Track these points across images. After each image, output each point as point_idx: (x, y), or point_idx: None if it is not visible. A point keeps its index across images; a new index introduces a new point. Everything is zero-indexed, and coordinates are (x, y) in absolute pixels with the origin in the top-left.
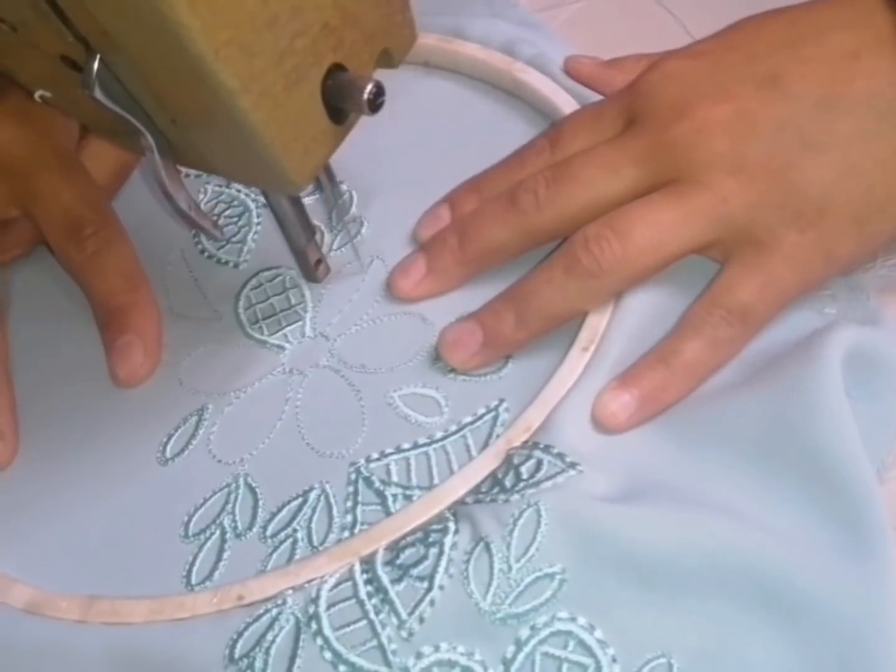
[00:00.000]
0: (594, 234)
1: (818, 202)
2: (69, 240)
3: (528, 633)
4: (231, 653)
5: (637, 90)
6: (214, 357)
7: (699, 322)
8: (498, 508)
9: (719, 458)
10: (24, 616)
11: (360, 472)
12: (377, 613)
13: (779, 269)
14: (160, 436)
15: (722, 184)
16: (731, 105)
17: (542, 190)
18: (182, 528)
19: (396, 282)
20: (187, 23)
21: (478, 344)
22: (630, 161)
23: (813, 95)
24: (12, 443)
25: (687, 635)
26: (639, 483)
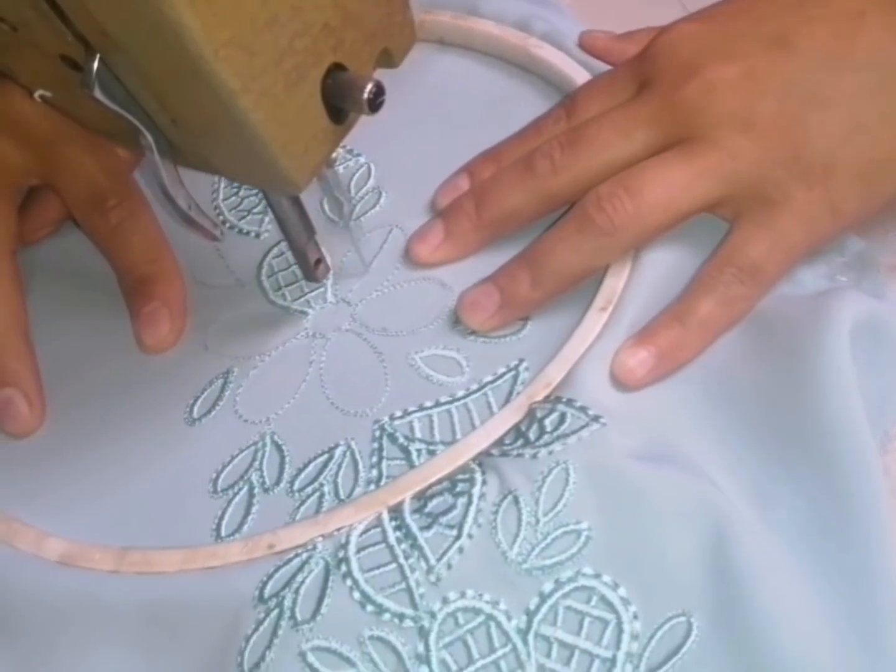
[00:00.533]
0: (606, 192)
1: (825, 158)
2: (94, 211)
3: (552, 586)
4: (261, 593)
5: (648, 55)
6: (238, 323)
7: (711, 281)
8: (526, 464)
9: (729, 421)
10: (57, 568)
11: (385, 429)
12: (406, 558)
13: (787, 226)
14: (187, 398)
15: (731, 141)
16: (739, 64)
17: (558, 154)
18: (210, 485)
19: (414, 248)
20: (187, 22)
21: (495, 305)
22: (642, 123)
23: (819, 53)
24: (39, 409)
25: (708, 596)
26: (657, 443)
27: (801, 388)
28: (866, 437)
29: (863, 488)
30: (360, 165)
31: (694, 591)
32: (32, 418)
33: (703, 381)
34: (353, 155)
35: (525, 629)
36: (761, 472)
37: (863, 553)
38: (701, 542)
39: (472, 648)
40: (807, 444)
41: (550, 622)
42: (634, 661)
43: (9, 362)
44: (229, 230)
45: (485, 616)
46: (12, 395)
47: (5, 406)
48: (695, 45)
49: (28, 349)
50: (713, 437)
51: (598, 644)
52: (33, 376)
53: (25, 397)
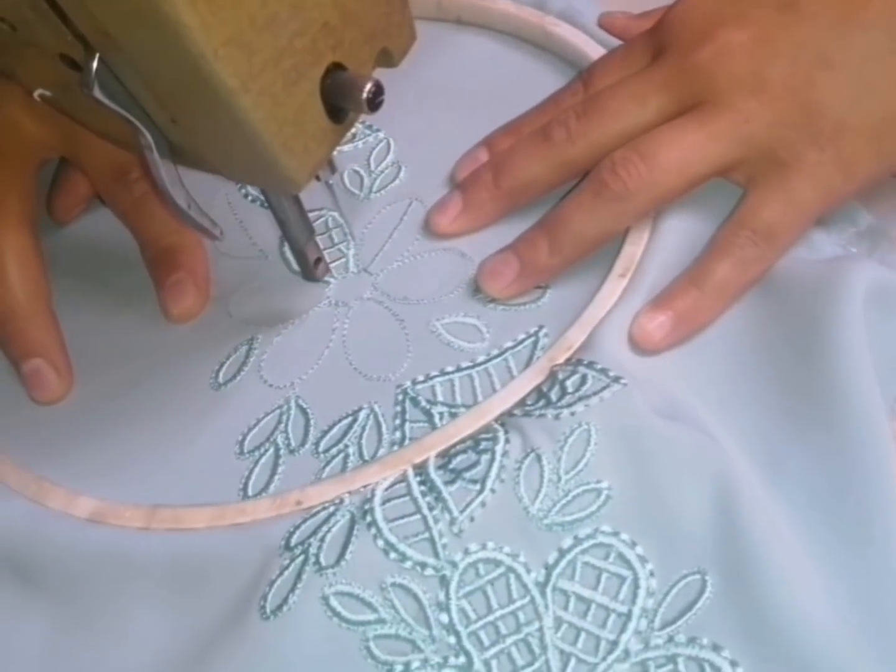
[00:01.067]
0: (621, 158)
1: (836, 119)
2: (117, 184)
3: (571, 542)
4: (287, 542)
5: (662, 25)
6: (262, 292)
7: (726, 244)
8: (549, 424)
9: (744, 383)
10: (88, 525)
11: (407, 393)
12: (430, 509)
13: (800, 187)
14: (212, 364)
15: (744, 104)
16: (750, 29)
17: (573, 122)
18: (237, 446)
19: (434, 218)
20: (187, 21)
21: (514, 273)
22: (656, 89)
23: (829, 16)
24: (67, 377)
25: (721, 554)
26: (674, 402)
27: (814, 352)
28: (877, 401)
29: (871, 452)
30: (380, 140)
31: (708, 549)
32: (61, 386)
33: (720, 344)
34: (372, 130)
35: (543, 582)
36: (773, 435)
37: (870, 514)
38: (714, 499)
39: (491, 599)
40: (818, 407)
41: (568, 576)
42: (650, 616)
43: (35, 333)
44: (251, 203)
45: (505, 568)
46: (40, 364)
47: (34, 375)
48: (707, 13)
49: (52, 319)
50: (728, 400)
51: (615, 599)
52: (59, 345)
53: (53, 366)
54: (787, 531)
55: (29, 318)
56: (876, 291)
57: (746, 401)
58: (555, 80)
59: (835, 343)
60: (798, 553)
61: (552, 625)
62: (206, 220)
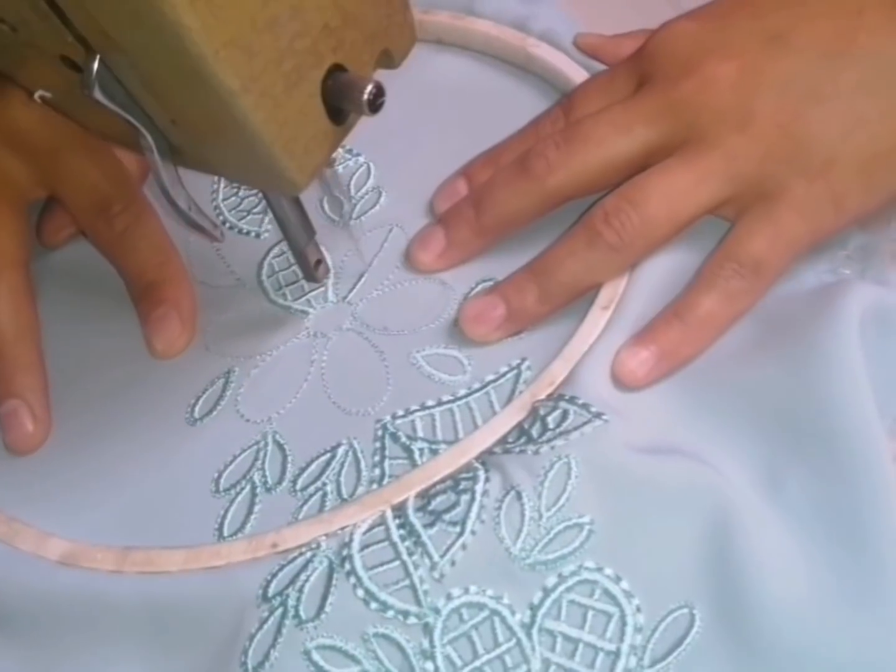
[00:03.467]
0: (613, 207)
1: (825, 153)
2: (98, 218)
3: (555, 580)
4: (264, 592)
5: (645, 52)
6: (239, 323)
7: (712, 276)
8: (529, 460)
9: (734, 416)
10: (59, 567)
11: (387, 429)
12: (410, 555)
13: (788, 219)
14: (188, 398)
15: (731, 140)
16: (737, 61)
17: (553, 152)
18: (213, 484)
19: (417, 255)
20: (187, 23)
21: (500, 318)
22: (641, 120)
23: (818, 49)
24: (45, 424)
25: (710, 587)
26: (661, 437)
27: (809, 377)
28: (875, 423)
29: (871, 473)
30: (360, 165)
31: (696, 582)
32: (35, 435)
33: (707, 372)
34: (352, 155)
35: (529, 623)
36: (770, 460)
37: (872, 539)
38: (704, 531)
39: (476, 644)
40: (816, 431)
41: (554, 616)
42: (638, 654)
43: (18, 374)
44: (229, 230)
45: (489, 611)
46: (17, 407)
47: (9, 417)
48: (692, 42)
49: (39, 363)
50: (719, 428)
51: (602, 637)
52: (41, 391)
53: (30, 411)
54: (785, 558)
55: (15, 359)
56: (872, 311)
57: (740, 426)
58: (536, 102)
59: (831, 366)
60: (795, 580)
61: (540, 667)
62: (207, 221)
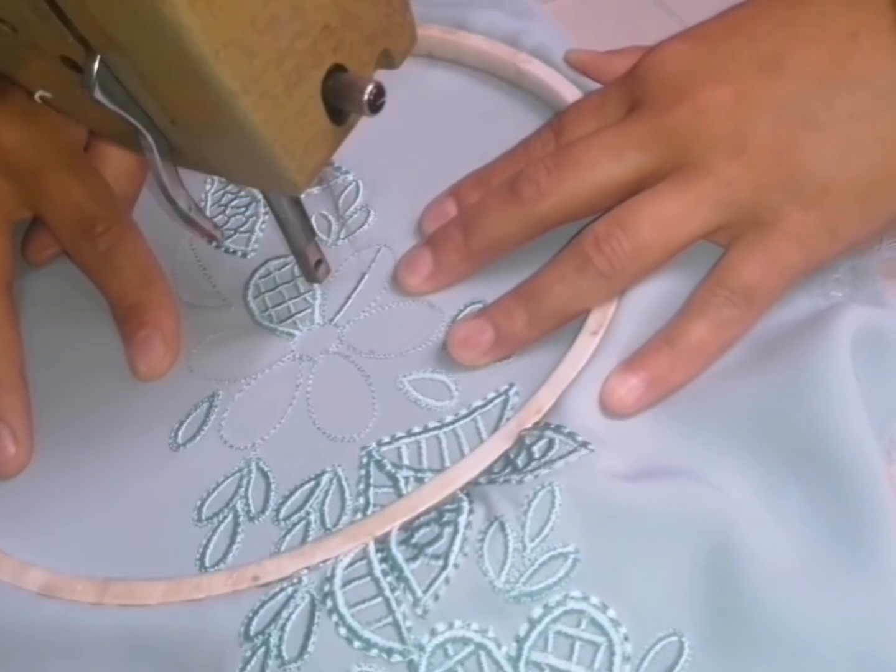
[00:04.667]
0: (604, 232)
1: (821, 181)
2: (81, 238)
3: (541, 611)
4: (246, 630)
5: (638, 75)
6: (224, 345)
7: (704, 303)
8: (512, 489)
9: (727, 440)
10: (38, 599)
11: (372, 456)
12: (392, 591)
13: (782, 247)
14: (172, 422)
15: (725, 167)
16: (731, 86)
17: (544, 178)
18: (195, 512)
19: (404, 278)
20: (187, 23)
21: (489, 343)
22: (633, 145)
23: (813, 75)
24: (27, 446)
25: (699, 615)
26: (650, 463)
27: (801, 399)
28: (870, 445)
29: (868, 494)
30: (349, 183)
31: (685, 609)
32: (17, 457)
33: (699, 393)
34: (340, 172)
35: (516, 656)
36: (766, 480)
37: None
38: (692, 557)
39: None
40: (810, 450)
41: (541, 648)
42: None
43: (1, 397)
44: (215, 249)
45: (474, 645)
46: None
47: None
48: (685, 66)
49: (21, 384)
50: (712, 448)
51: (590, 668)
52: (24, 413)
53: (13, 435)
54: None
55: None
56: (866, 331)
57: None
58: (528, 119)
59: (823, 388)
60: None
61: None
62: (207, 222)
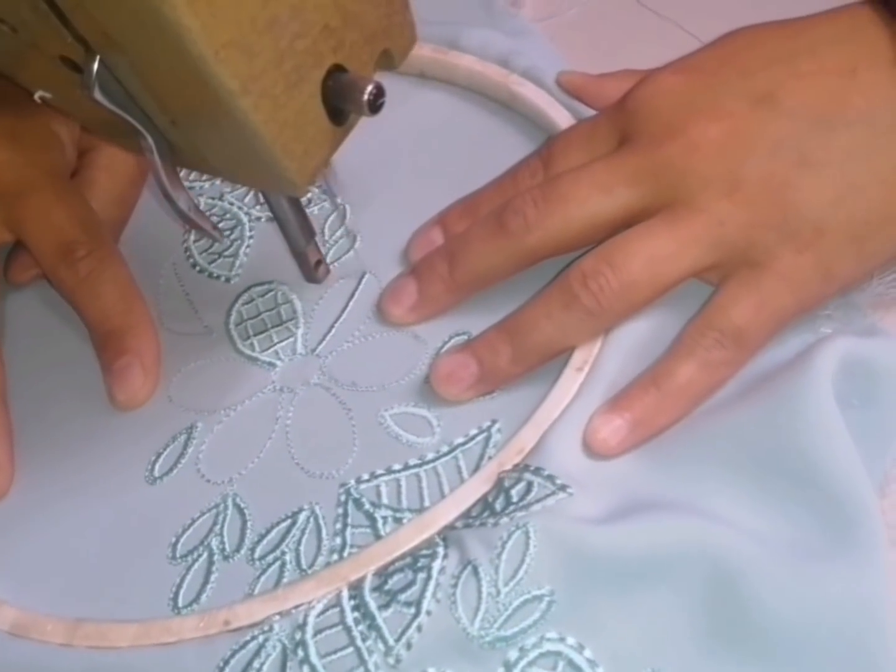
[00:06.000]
0: (591, 269)
1: (816, 222)
2: (62, 262)
3: (516, 654)
4: None
5: (629, 107)
6: (204, 373)
7: (692, 343)
8: (486, 532)
9: (711, 476)
10: (9, 639)
11: (350, 494)
12: (364, 640)
13: (775, 289)
14: (149, 454)
15: (717, 206)
16: (725, 123)
17: (531, 211)
18: (170, 550)
19: (388, 308)
20: (187, 23)
21: (473, 378)
22: (623, 181)
23: (809, 112)
24: (8, 473)
25: (676, 652)
26: (630, 503)
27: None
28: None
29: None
30: (335, 207)
31: (662, 647)
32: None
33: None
34: (327, 195)
35: None
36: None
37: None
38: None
39: None
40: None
41: None
42: None
43: None
44: (199, 273)
45: None
46: None
47: None
48: (678, 100)
49: (4, 412)
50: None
51: None
52: (5, 441)
53: None
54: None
55: None
56: (854, 363)
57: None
58: (519, 141)
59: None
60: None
61: None
62: (208, 222)
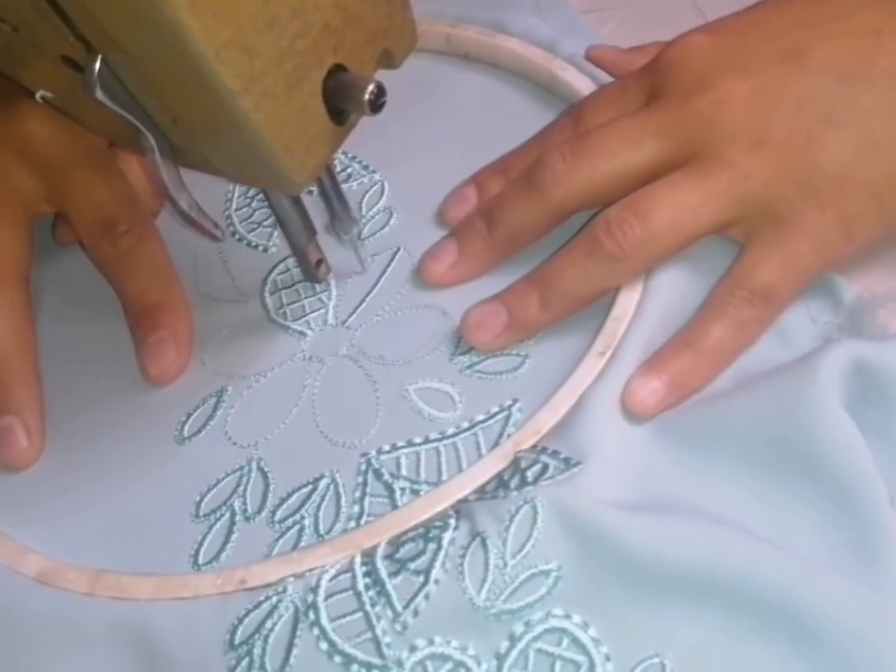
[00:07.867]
0: (616, 217)
1: (838, 178)
2: (102, 237)
3: (522, 628)
4: (231, 638)
5: (659, 65)
6: (237, 340)
7: (722, 304)
8: (496, 505)
9: (724, 469)
10: (34, 586)
11: (371, 464)
12: (373, 605)
13: (799, 247)
14: (179, 415)
15: (743, 160)
16: (752, 80)
17: (560, 164)
18: (194, 508)
19: (428, 266)
20: (188, 23)
21: (502, 325)
22: (651, 133)
23: (835, 71)
24: (38, 442)
25: (681, 636)
26: (642, 489)
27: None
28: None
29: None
30: (374, 183)
31: (667, 631)
32: (29, 452)
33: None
34: (367, 171)
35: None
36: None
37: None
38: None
39: None
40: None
41: (521, 666)
42: None
43: (15, 391)
44: (238, 242)
45: (454, 662)
46: (13, 423)
47: (5, 434)
48: (707, 58)
49: (35, 378)
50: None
51: None
52: (37, 408)
53: (25, 428)
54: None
55: (12, 374)
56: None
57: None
58: None
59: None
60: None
61: None
62: (208, 221)
